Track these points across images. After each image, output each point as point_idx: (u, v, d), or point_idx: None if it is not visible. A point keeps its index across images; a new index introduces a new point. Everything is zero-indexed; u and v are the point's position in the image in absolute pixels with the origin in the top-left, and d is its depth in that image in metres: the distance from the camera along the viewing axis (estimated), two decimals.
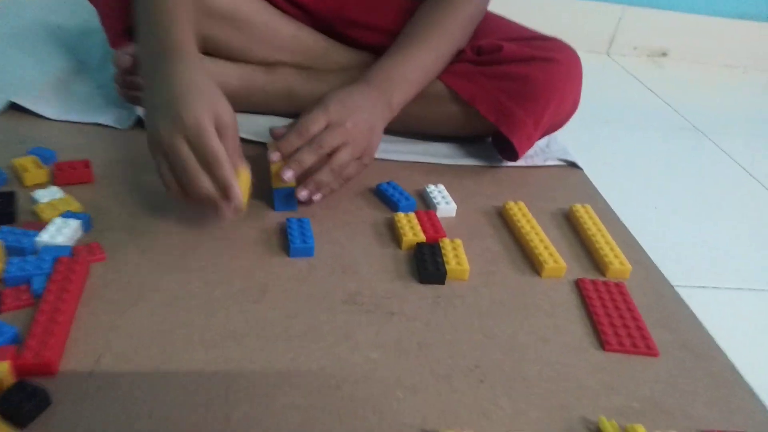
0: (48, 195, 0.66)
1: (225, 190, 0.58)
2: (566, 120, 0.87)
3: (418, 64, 0.78)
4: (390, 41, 0.92)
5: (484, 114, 0.81)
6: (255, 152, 0.74)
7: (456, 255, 0.65)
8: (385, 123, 0.75)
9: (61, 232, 0.60)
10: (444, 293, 0.62)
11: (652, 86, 1.50)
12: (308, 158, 0.67)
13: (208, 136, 0.57)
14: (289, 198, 0.71)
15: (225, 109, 0.61)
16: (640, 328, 0.60)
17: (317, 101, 0.70)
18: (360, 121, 0.70)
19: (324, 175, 0.69)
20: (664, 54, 1.77)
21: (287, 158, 0.67)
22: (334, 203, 0.74)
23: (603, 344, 0.58)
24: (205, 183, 0.58)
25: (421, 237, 0.68)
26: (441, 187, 0.78)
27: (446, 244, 0.67)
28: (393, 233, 0.70)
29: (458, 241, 0.67)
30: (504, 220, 0.76)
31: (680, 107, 1.37)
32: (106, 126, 0.84)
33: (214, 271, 0.60)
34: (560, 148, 0.94)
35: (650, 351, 0.58)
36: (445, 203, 0.75)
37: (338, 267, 0.64)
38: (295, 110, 0.81)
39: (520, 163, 0.89)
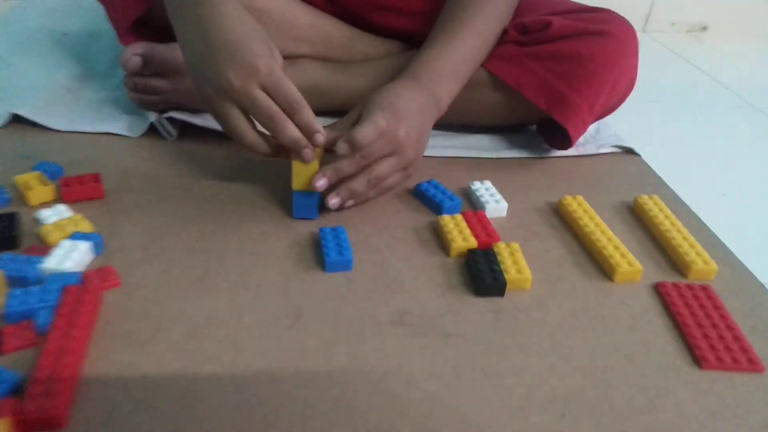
0: (54, 214, 0.59)
1: (310, 133, 0.57)
2: (621, 101, 0.78)
3: (464, 53, 0.70)
4: (421, 25, 0.84)
5: (533, 100, 0.72)
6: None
7: (515, 261, 0.57)
8: (432, 124, 0.67)
9: (69, 257, 0.54)
10: (504, 307, 0.54)
11: (697, 63, 1.39)
12: (349, 169, 0.61)
13: (287, 82, 0.56)
14: (310, 203, 0.63)
15: (278, 52, 0.59)
16: (737, 339, 0.51)
17: (365, 104, 0.63)
18: (412, 129, 0.62)
19: (359, 185, 0.62)
20: (704, 28, 1.66)
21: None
22: (369, 207, 0.66)
23: (699, 361, 0.49)
24: (293, 128, 0.57)
25: (473, 242, 0.59)
26: (488, 183, 0.70)
27: (501, 249, 0.58)
28: (439, 239, 0.62)
29: (515, 245, 0.59)
30: (562, 217, 0.67)
31: (731, 84, 1.26)
32: (117, 135, 0.77)
33: (240, 293, 0.53)
34: (611, 133, 0.85)
35: (754, 366, 0.49)
36: (494, 202, 0.66)
37: (381, 281, 0.56)
38: (319, 106, 0.73)
39: (570, 152, 0.80)
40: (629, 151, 0.83)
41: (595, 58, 0.70)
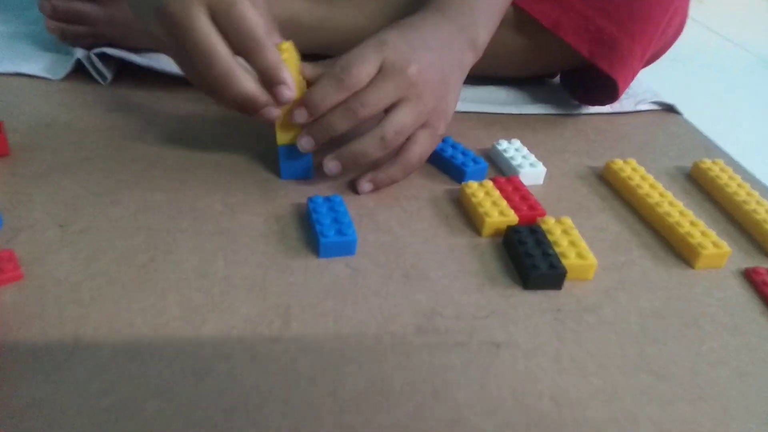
0: None
1: (271, 82, 0.41)
2: (667, 48, 0.64)
3: None
4: None
5: (574, 45, 0.57)
6: None
7: (572, 242, 0.43)
8: (465, 72, 0.51)
9: None
10: (565, 304, 0.40)
11: (704, 22, 1.28)
12: (341, 124, 0.44)
13: (242, 5, 0.39)
14: (303, 160, 0.48)
15: None
16: None
17: (371, 36, 0.46)
18: (428, 65, 0.45)
19: (368, 145, 0.45)
20: None
21: (311, 115, 0.44)
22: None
23: None
24: (245, 81, 0.40)
25: (512, 217, 0.45)
26: (517, 142, 0.55)
27: (551, 225, 0.44)
28: (464, 213, 0.48)
29: (567, 221, 0.45)
30: (611, 185, 0.54)
31: (746, 44, 1.15)
32: (32, 77, 0.59)
33: (200, 291, 0.37)
34: (646, 88, 0.72)
35: None
36: (529, 165, 0.52)
37: (396, 270, 0.41)
38: (299, 47, 0.56)
39: (602, 108, 0.66)
40: (669, 109, 0.70)
41: None
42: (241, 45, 0.40)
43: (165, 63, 0.60)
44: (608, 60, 0.57)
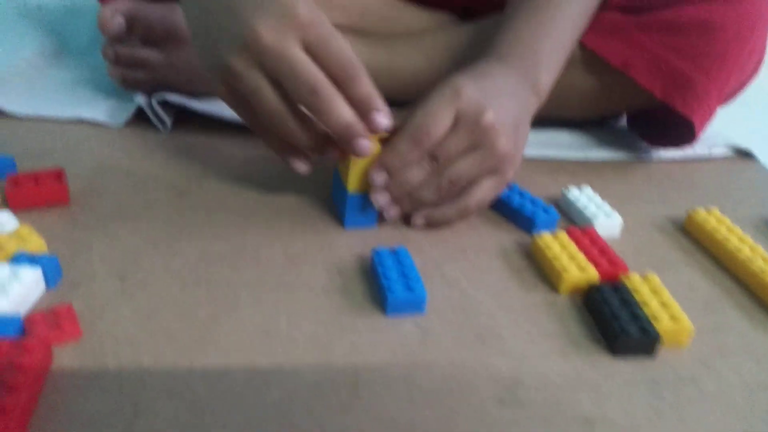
0: None
1: (367, 110, 0.40)
2: (747, 84, 0.61)
3: (564, 23, 0.51)
4: None
5: (646, 85, 0.55)
6: None
7: (663, 303, 0.39)
8: (532, 114, 0.49)
9: (4, 291, 0.36)
10: (661, 374, 0.36)
11: None
12: (417, 178, 0.44)
13: (339, 38, 0.39)
14: (368, 208, 0.46)
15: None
16: None
17: (440, 83, 0.45)
18: (505, 114, 0.44)
19: (426, 192, 0.45)
20: None
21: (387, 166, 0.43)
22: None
23: None
24: (345, 107, 0.39)
25: (593, 273, 0.42)
26: (588, 190, 0.52)
27: (636, 283, 0.41)
28: (536, 266, 0.45)
29: (654, 278, 0.41)
30: (694, 237, 0.50)
31: None
32: (93, 123, 0.59)
33: (265, 351, 0.35)
34: (718, 132, 0.68)
35: None
36: (604, 215, 0.49)
37: (469, 332, 0.38)
38: None
39: (674, 154, 0.63)
40: (745, 154, 0.66)
41: (727, 27, 0.53)
42: (341, 74, 0.39)
43: (224, 109, 0.59)
44: (683, 100, 0.54)
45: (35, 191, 0.45)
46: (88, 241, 0.43)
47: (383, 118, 0.40)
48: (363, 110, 0.40)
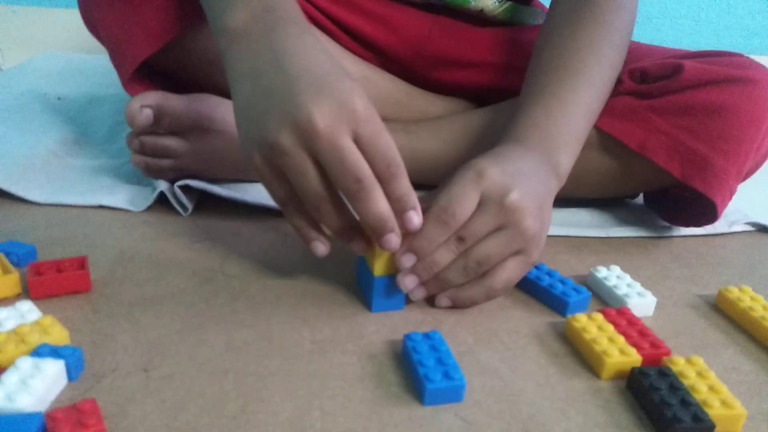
0: (12, 317, 0.40)
1: (403, 209, 0.41)
2: (763, 162, 0.61)
3: (581, 108, 0.53)
4: (492, 79, 0.69)
5: (664, 166, 0.55)
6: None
7: (711, 388, 0.38)
8: (553, 196, 0.50)
9: (27, 386, 0.34)
10: None
11: None
12: (444, 259, 0.44)
13: (387, 134, 0.40)
14: (397, 291, 0.45)
15: None
16: None
17: (461, 166, 0.46)
18: (529, 194, 0.44)
19: (452, 273, 0.44)
20: None
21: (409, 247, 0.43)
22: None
23: None
24: (383, 200, 0.40)
25: (635, 356, 0.40)
26: (617, 269, 0.51)
27: (681, 366, 0.39)
28: (573, 350, 0.43)
29: (698, 360, 0.40)
30: (728, 315, 0.49)
31: None
32: (114, 209, 0.59)
33: None
34: (735, 208, 0.68)
35: None
36: (637, 295, 0.48)
37: (515, 424, 0.36)
38: None
39: (695, 230, 0.63)
40: (764, 230, 0.65)
41: (741, 110, 0.54)
42: (385, 171, 0.40)
43: (247, 193, 0.60)
44: (702, 181, 0.55)
45: (57, 280, 0.44)
46: (110, 331, 0.41)
47: (417, 218, 0.41)
48: (399, 207, 0.41)
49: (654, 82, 0.58)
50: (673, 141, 0.55)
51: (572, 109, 0.52)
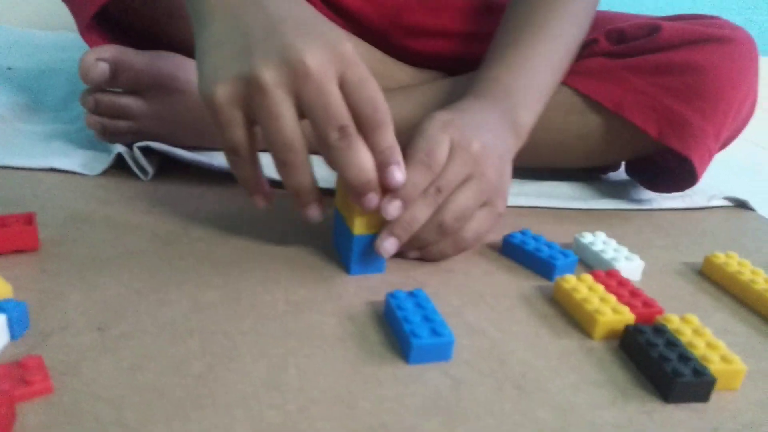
0: None
1: (386, 164, 0.38)
2: (743, 127, 0.61)
3: (543, 63, 0.52)
4: (462, 48, 0.68)
5: (641, 125, 0.54)
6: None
7: (709, 344, 0.36)
8: (513, 154, 0.48)
9: None
10: (720, 422, 0.32)
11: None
12: (423, 214, 0.41)
13: (374, 81, 0.37)
14: (372, 252, 0.42)
15: None
16: None
17: (426, 117, 0.44)
18: (489, 145, 0.43)
19: (427, 231, 0.42)
20: None
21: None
22: (444, 267, 0.45)
23: None
24: (367, 155, 0.37)
25: (628, 315, 0.38)
26: (602, 235, 0.50)
27: (676, 324, 0.37)
28: (563, 311, 0.41)
29: (693, 318, 0.38)
30: (716, 281, 0.47)
31: None
32: (67, 173, 0.55)
33: (275, 406, 0.30)
34: (713, 183, 0.68)
35: None
36: (625, 259, 0.46)
37: (506, 381, 0.33)
38: None
39: (675, 203, 0.62)
40: (742, 205, 0.65)
41: (719, 69, 0.54)
42: (370, 119, 0.37)
43: (213, 158, 0.56)
44: (680, 140, 0.54)
45: (1, 235, 0.40)
46: (59, 290, 0.37)
47: (399, 174, 0.38)
48: (383, 161, 0.38)
49: (631, 43, 0.57)
50: (650, 99, 0.54)
51: (533, 64, 0.51)
